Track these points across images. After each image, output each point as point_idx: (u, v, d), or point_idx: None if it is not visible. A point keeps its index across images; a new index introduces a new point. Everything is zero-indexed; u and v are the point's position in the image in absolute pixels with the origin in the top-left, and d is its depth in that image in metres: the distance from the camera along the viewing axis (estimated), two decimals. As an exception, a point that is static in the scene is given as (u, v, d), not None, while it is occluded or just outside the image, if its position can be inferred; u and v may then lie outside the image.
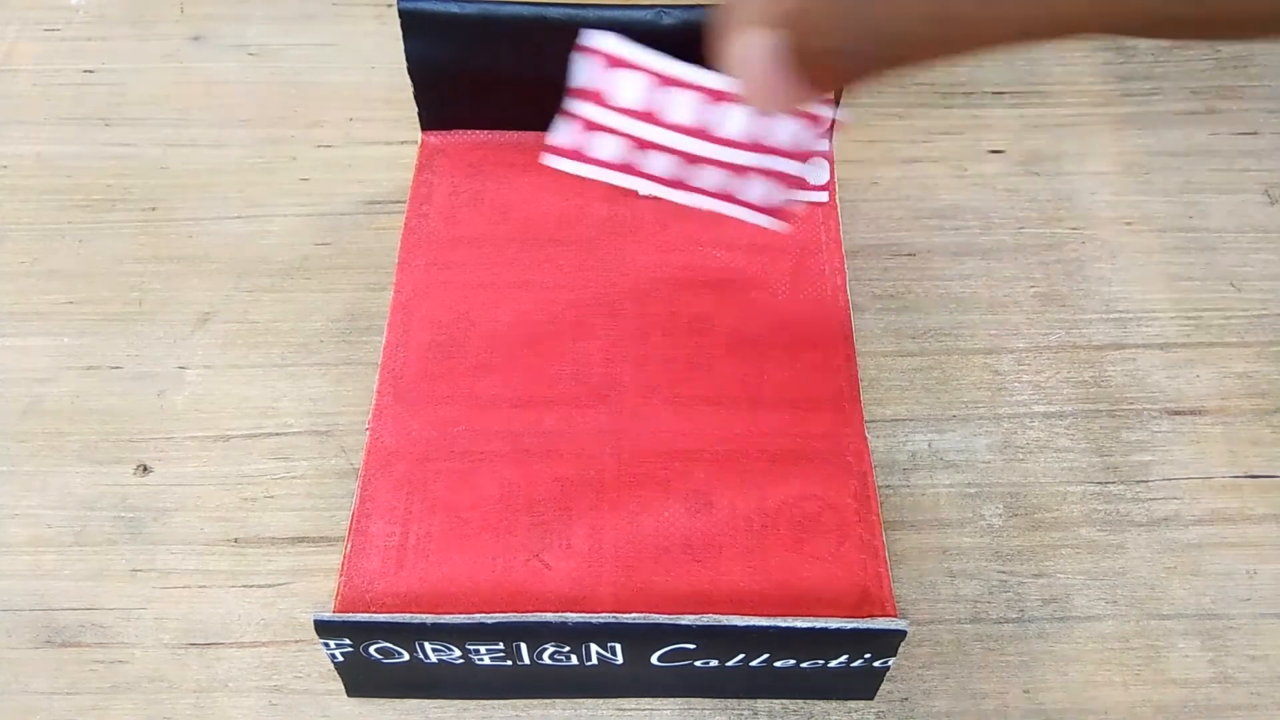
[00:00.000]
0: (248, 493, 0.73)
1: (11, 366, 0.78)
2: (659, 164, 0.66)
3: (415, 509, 0.64)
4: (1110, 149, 0.92)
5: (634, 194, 0.77)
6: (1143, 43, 0.99)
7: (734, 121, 0.73)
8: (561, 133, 0.67)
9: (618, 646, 0.58)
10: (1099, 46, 0.99)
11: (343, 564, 0.62)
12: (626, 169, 0.68)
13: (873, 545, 0.63)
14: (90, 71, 0.96)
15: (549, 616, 0.57)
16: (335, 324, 0.80)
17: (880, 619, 0.58)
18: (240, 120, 0.92)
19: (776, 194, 0.69)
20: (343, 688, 0.64)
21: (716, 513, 0.64)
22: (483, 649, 0.58)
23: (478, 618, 0.57)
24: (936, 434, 0.76)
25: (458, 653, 0.59)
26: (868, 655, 0.59)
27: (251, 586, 0.69)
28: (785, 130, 0.73)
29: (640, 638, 0.58)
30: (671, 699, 0.65)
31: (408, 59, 0.76)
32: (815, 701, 0.65)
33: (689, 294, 0.72)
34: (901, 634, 0.57)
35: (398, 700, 0.65)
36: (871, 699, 0.65)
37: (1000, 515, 0.72)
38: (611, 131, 0.66)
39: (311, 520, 0.71)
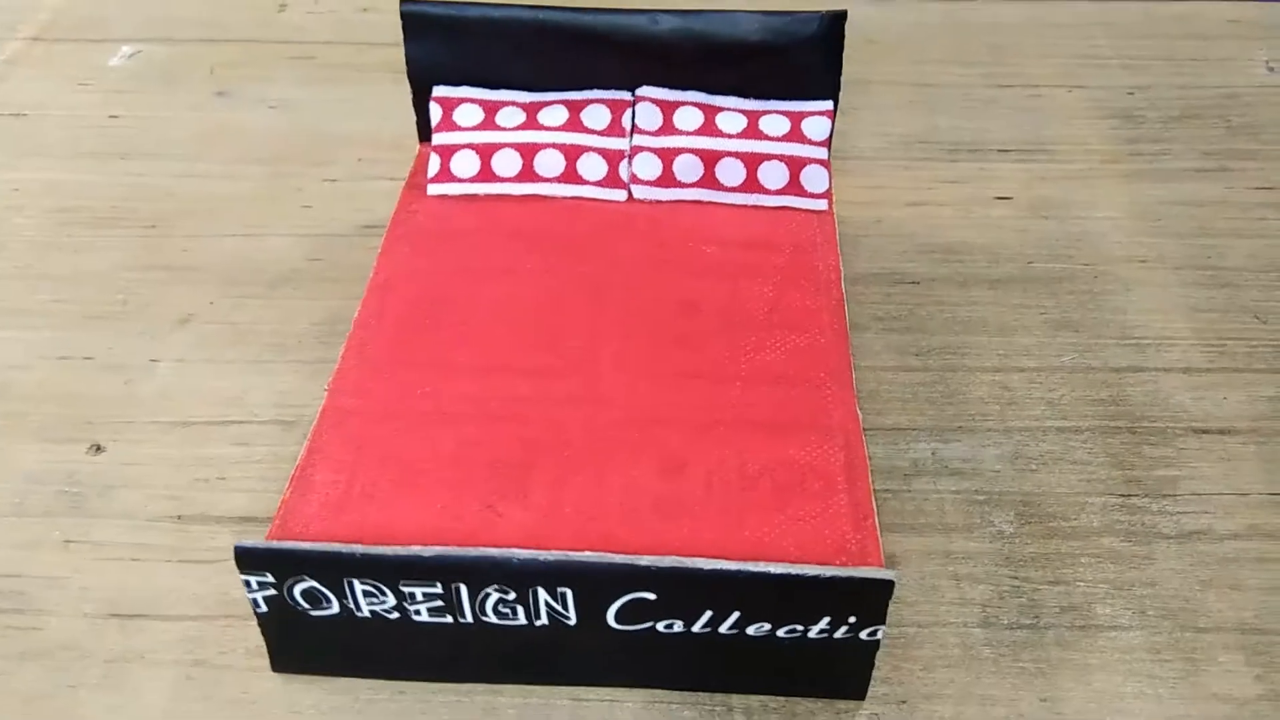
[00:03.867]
0: (200, 474, 0.68)
1: (-15, 354, 0.76)
2: (549, 165, 0.75)
3: (364, 461, 0.59)
4: (1120, 198, 0.90)
5: (628, 199, 0.76)
6: (1150, 111, 0.99)
7: (729, 120, 0.73)
8: (431, 165, 0.76)
9: (569, 596, 0.52)
10: (1106, 114, 0.99)
11: (279, 508, 0.57)
12: (519, 179, 0.75)
13: (862, 510, 0.57)
14: (115, 117, 0.99)
15: (492, 551, 0.51)
16: (316, 327, 0.77)
17: (864, 568, 0.52)
18: (253, 159, 0.94)
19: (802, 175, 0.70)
20: (268, 665, 0.58)
21: (691, 475, 0.58)
22: (419, 593, 0.52)
23: (413, 550, 0.51)
24: (941, 443, 0.70)
25: (392, 600, 0.52)
26: (852, 619, 0.52)
27: (189, 562, 0.63)
28: (778, 124, 0.72)
29: (594, 584, 0.51)
30: (635, 690, 0.57)
31: (408, 62, 0.78)
32: (799, 700, 0.57)
33: (678, 281, 0.70)
34: (889, 585, 0.50)
35: (326, 679, 0.58)
36: (862, 699, 0.57)
37: (1011, 522, 0.66)
38: (471, 147, 0.75)
39: (263, 502, 0.66)
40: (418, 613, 0.53)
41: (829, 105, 0.76)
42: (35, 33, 1.10)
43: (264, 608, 0.54)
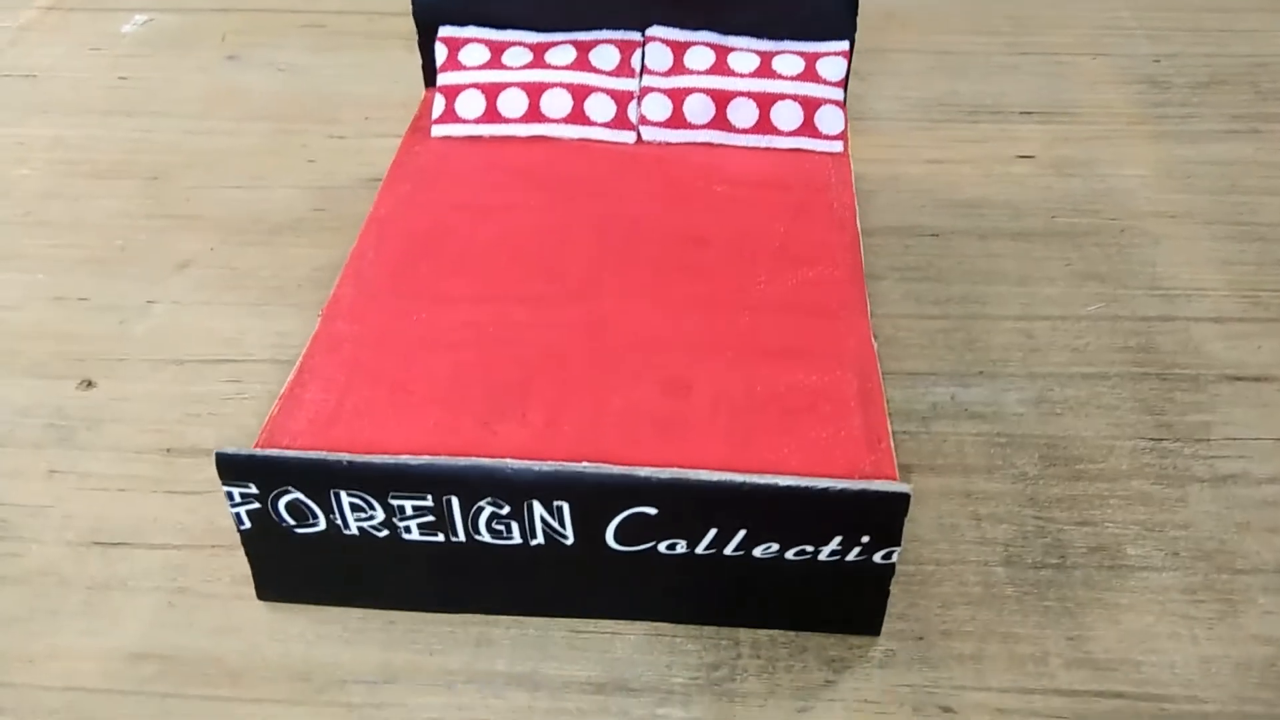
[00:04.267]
0: (192, 409, 0.66)
1: (-21, 295, 0.75)
2: (556, 105, 0.73)
3: (356, 382, 0.56)
4: (1147, 157, 0.87)
5: (637, 140, 0.74)
6: (1177, 77, 0.96)
7: (741, 59, 0.71)
8: (435, 106, 0.74)
9: (566, 511, 0.49)
10: (1130, 79, 0.96)
11: (265, 424, 0.54)
12: (525, 119, 0.73)
13: (876, 434, 0.53)
14: (124, 78, 0.98)
15: (485, 462, 0.49)
16: (318, 272, 0.75)
17: (878, 481, 0.49)
18: (259, 117, 0.93)
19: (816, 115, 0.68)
20: (254, 593, 0.55)
21: (695, 397, 0.55)
22: (409, 507, 0.49)
23: (403, 459, 0.49)
24: (960, 388, 0.67)
25: (380, 515, 0.50)
26: (865, 539, 0.49)
27: (176, 493, 0.61)
28: (792, 64, 0.70)
29: (592, 496, 0.49)
30: (635, 623, 0.54)
31: (413, 1, 0.76)
32: (809, 635, 0.54)
33: (686, 216, 0.67)
34: (904, 500, 0.47)
35: (313, 608, 0.55)
36: (877, 633, 0.53)
37: (1035, 464, 0.62)
38: (476, 87, 0.73)
39: (255, 437, 0.63)
40: (407, 530, 0.50)
41: (844, 45, 0.74)
42: (51, 3, 1.10)
43: (247, 523, 0.51)
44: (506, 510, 0.49)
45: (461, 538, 0.51)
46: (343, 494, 0.49)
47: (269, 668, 0.53)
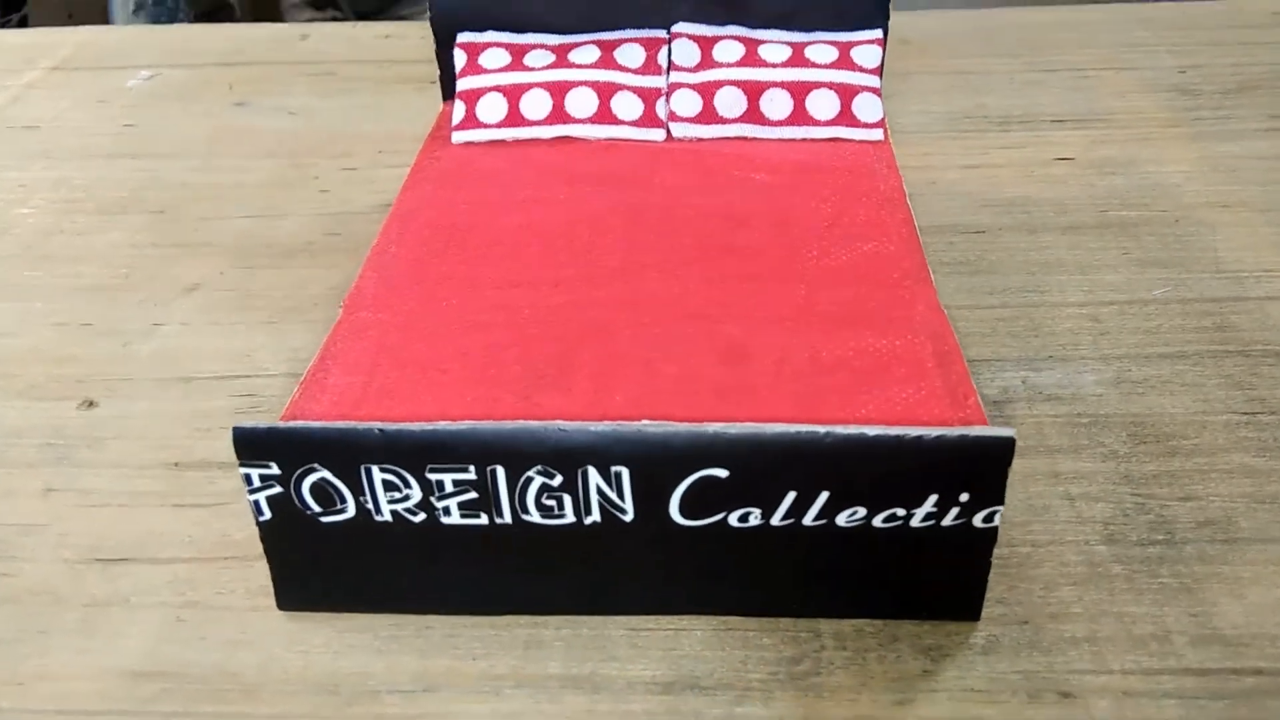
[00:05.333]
0: (201, 425, 0.61)
1: (-26, 324, 0.70)
2: (581, 105, 0.70)
3: (384, 364, 0.52)
4: (1189, 155, 0.84)
5: (667, 138, 0.71)
6: (1206, 85, 0.94)
7: (773, 50, 0.68)
8: (456, 112, 0.72)
9: (625, 478, 0.44)
10: (1160, 88, 0.94)
11: (285, 410, 0.49)
12: (549, 120, 0.70)
13: (961, 390, 0.48)
14: (130, 125, 0.95)
15: (533, 424, 0.44)
16: (333, 290, 0.71)
17: (977, 426, 0.43)
18: (269, 154, 0.90)
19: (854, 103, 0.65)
20: (272, 603, 0.49)
21: (756, 363, 0.50)
22: (449, 482, 0.44)
23: (442, 426, 0.43)
24: (1031, 372, 0.62)
25: (417, 494, 0.44)
26: (964, 498, 0.43)
27: (184, 506, 0.55)
28: (825, 53, 0.68)
29: (654, 459, 0.43)
30: (703, 617, 0.48)
31: (430, 8, 0.74)
32: (900, 623, 0.48)
33: (724, 201, 0.63)
34: (1009, 445, 0.42)
35: (340, 616, 0.49)
36: (977, 618, 0.47)
37: (1124, 443, 0.57)
38: (497, 90, 0.71)
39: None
40: (446, 512, 0.45)
41: (878, 34, 0.71)
42: (55, 64, 1.08)
43: (267, 513, 0.46)
44: (558, 481, 0.44)
45: (507, 519, 0.45)
46: (374, 470, 0.44)
47: (290, 681, 0.46)
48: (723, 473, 0.43)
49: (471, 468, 0.44)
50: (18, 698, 0.46)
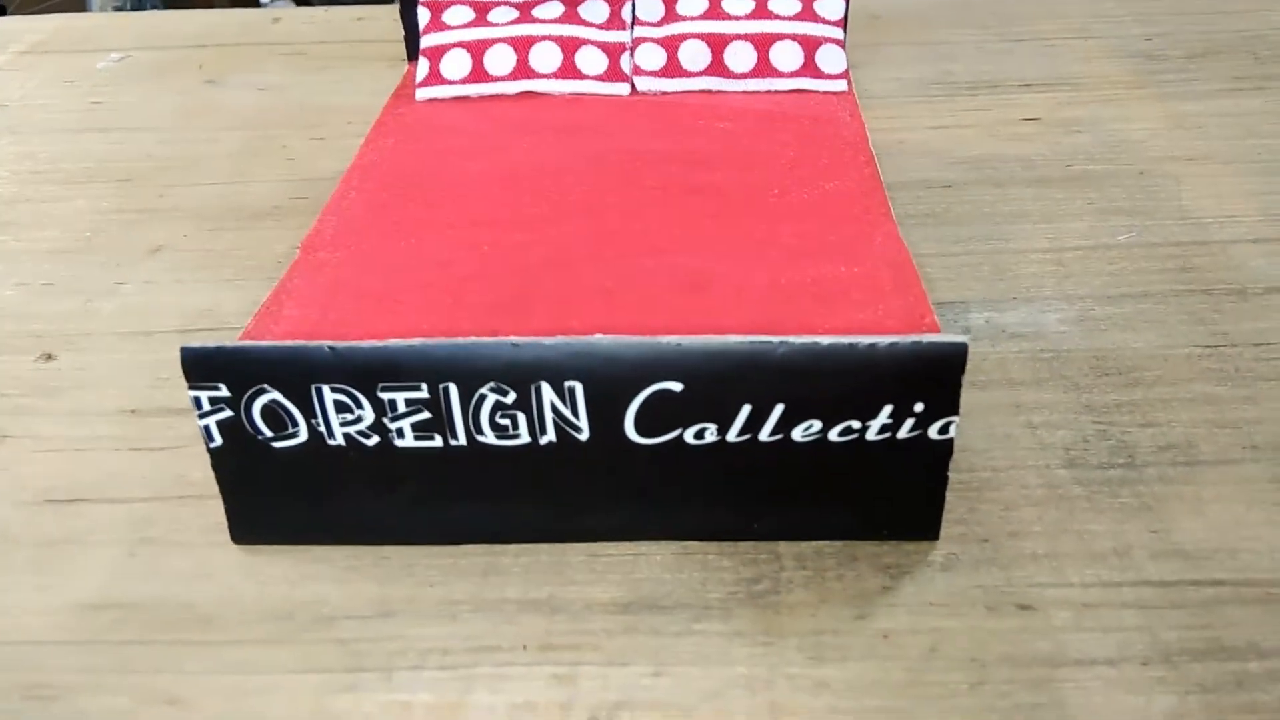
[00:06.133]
0: (162, 374, 0.60)
1: (-66, 286, 0.70)
2: (545, 59, 0.70)
3: (340, 298, 0.51)
4: (1154, 114, 0.84)
5: (631, 92, 0.71)
6: (1172, 50, 0.95)
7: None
8: (419, 69, 0.71)
9: (579, 393, 0.43)
10: (1126, 54, 0.95)
11: (240, 336, 0.49)
12: (513, 75, 0.70)
13: (918, 311, 0.48)
14: (98, 103, 0.95)
15: (486, 341, 0.43)
16: (297, 249, 0.71)
17: (929, 334, 0.43)
18: (238, 127, 0.90)
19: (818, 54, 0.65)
20: (227, 538, 0.49)
21: (716, 291, 0.50)
22: (401, 401, 0.44)
23: (393, 343, 0.43)
24: (995, 312, 0.62)
25: (370, 415, 0.44)
26: (919, 408, 0.43)
27: (141, 450, 0.55)
28: (788, 4, 0.68)
29: (609, 373, 0.43)
30: (662, 542, 0.48)
31: (395, -30, 0.74)
32: (859, 544, 0.47)
33: (687, 146, 0.63)
34: (961, 352, 0.42)
35: (297, 548, 0.48)
36: (935, 536, 0.47)
37: (1087, 375, 0.57)
38: (461, 46, 0.70)
39: (231, 394, 0.58)
40: (400, 434, 0.45)
41: (841, -15, 0.72)
42: (26, 48, 1.08)
43: (218, 439, 0.45)
44: (512, 398, 0.43)
45: (461, 440, 0.45)
46: (325, 390, 0.44)
47: (246, 610, 0.46)
48: (677, 386, 0.43)
49: (424, 385, 0.43)
50: (-32, 630, 0.46)
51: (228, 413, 0.44)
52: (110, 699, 0.43)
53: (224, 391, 0.44)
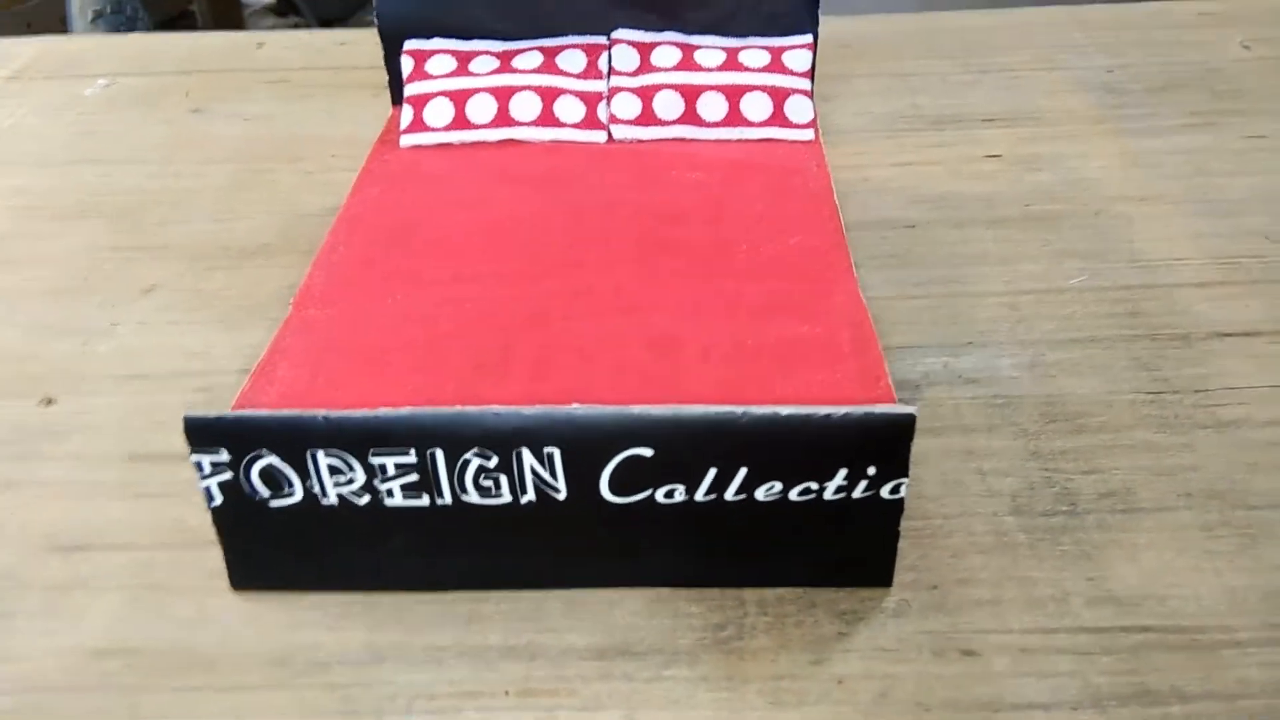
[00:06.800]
0: (158, 418, 0.63)
1: (-66, 327, 0.72)
2: (525, 109, 0.73)
3: (330, 357, 0.54)
4: (1112, 150, 0.88)
5: (608, 140, 0.74)
6: (1132, 84, 0.99)
7: (708, 55, 0.71)
8: (404, 116, 0.73)
9: (557, 458, 0.47)
10: (1088, 87, 0.98)
11: (235, 400, 0.52)
12: (494, 124, 0.73)
13: (873, 373, 0.52)
14: (88, 132, 0.97)
15: (470, 410, 0.46)
16: (286, 289, 0.72)
17: (881, 405, 0.47)
18: (225, 160, 0.92)
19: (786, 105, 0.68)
20: (226, 584, 0.52)
21: (684, 351, 0.54)
22: (391, 465, 0.47)
23: (383, 412, 0.46)
24: (951, 357, 0.66)
25: (361, 477, 0.47)
26: (871, 471, 0.46)
27: (142, 496, 0.58)
28: (758, 57, 0.71)
29: (584, 440, 0.46)
30: (635, 589, 0.51)
31: (378, 17, 0.76)
32: (818, 590, 0.51)
33: (661, 199, 0.67)
34: (910, 422, 0.45)
35: (293, 594, 0.51)
36: (889, 584, 0.51)
37: (1035, 421, 0.61)
38: (444, 95, 0.73)
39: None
40: (390, 494, 0.48)
41: (808, 38, 0.75)
42: (12, 73, 1.10)
43: (218, 498, 0.48)
44: (495, 462, 0.47)
45: (447, 499, 0.48)
46: (320, 454, 0.47)
47: (245, 655, 0.49)
48: (648, 451, 0.46)
49: (412, 450, 0.47)
50: (-18, 677, 0.48)
51: (228, 475, 0.47)
52: (120, 744, 0.46)
53: (224, 456, 0.47)
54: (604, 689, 0.47)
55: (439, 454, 0.47)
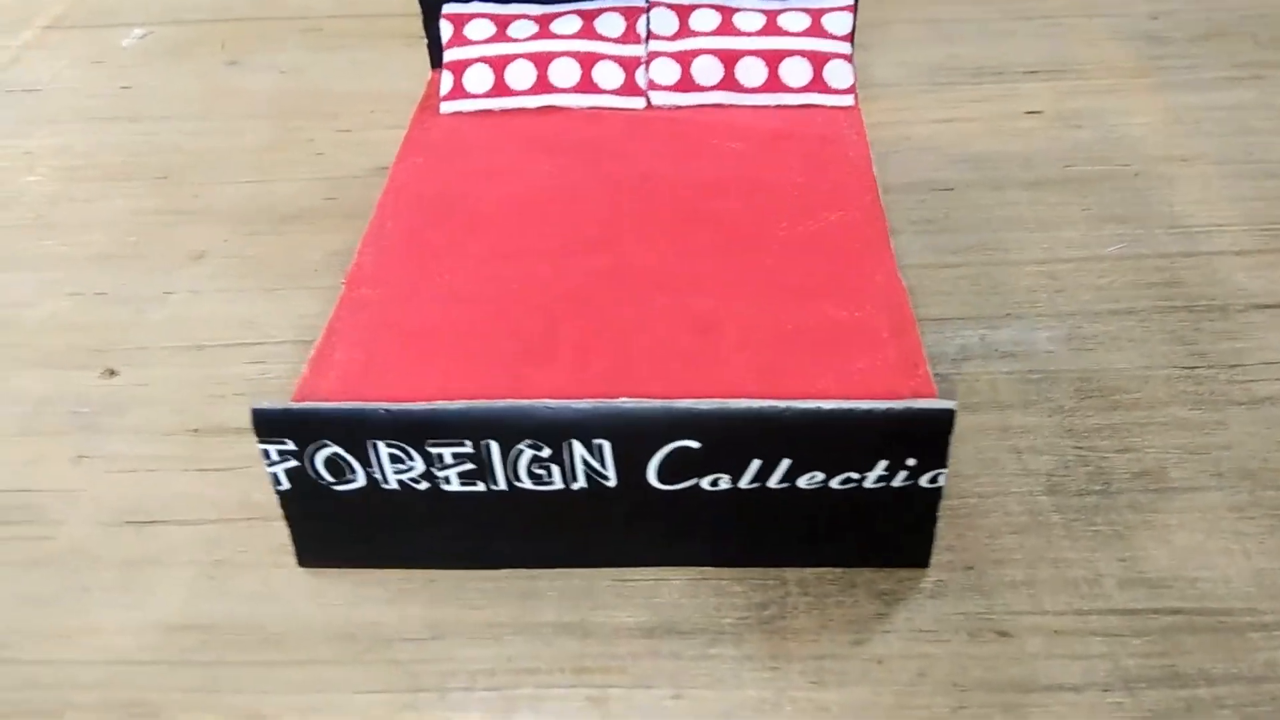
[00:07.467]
0: (216, 391, 0.65)
1: (-7, 295, 0.74)
2: (565, 75, 0.72)
3: (384, 339, 0.56)
4: (1154, 107, 0.87)
5: (646, 106, 0.74)
6: (1175, 32, 0.97)
7: (746, 18, 0.71)
8: (444, 83, 0.74)
9: (606, 449, 0.48)
10: (1130, 36, 0.96)
11: (297, 387, 0.54)
12: (533, 90, 0.73)
13: (912, 360, 0.53)
14: (126, 87, 0.98)
15: (522, 403, 0.48)
16: (334, 256, 0.75)
17: (921, 400, 0.48)
18: (262, 115, 0.93)
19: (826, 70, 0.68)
20: (294, 561, 0.54)
21: (724, 333, 0.55)
22: (448, 455, 0.49)
23: (440, 405, 0.48)
24: (989, 330, 0.67)
25: (420, 465, 0.49)
26: (911, 462, 0.48)
27: (206, 470, 0.60)
28: (798, 21, 0.70)
29: (633, 432, 0.48)
30: (681, 568, 0.53)
31: (418, -21, 0.76)
32: (858, 570, 0.53)
33: (699, 170, 0.67)
34: (949, 417, 0.47)
35: (355, 571, 0.54)
36: (926, 565, 0.53)
37: (1071, 397, 0.62)
38: (483, 61, 0.73)
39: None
40: (447, 480, 0.50)
41: (849, 0, 0.74)
42: (50, 22, 1.10)
43: (285, 483, 0.51)
44: (547, 452, 0.48)
45: (502, 485, 0.50)
46: (381, 445, 0.49)
47: (312, 631, 0.52)
48: (695, 443, 0.48)
49: (468, 442, 0.48)
50: (66, 649, 0.51)
51: (294, 462, 0.50)
52: (201, 716, 0.49)
53: (290, 445, 0.49)
54: (653, 667, 0.49)
55: (494, 445, 0.48)
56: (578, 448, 0.48)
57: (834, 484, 0.49)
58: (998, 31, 0.99)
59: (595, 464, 0.49)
